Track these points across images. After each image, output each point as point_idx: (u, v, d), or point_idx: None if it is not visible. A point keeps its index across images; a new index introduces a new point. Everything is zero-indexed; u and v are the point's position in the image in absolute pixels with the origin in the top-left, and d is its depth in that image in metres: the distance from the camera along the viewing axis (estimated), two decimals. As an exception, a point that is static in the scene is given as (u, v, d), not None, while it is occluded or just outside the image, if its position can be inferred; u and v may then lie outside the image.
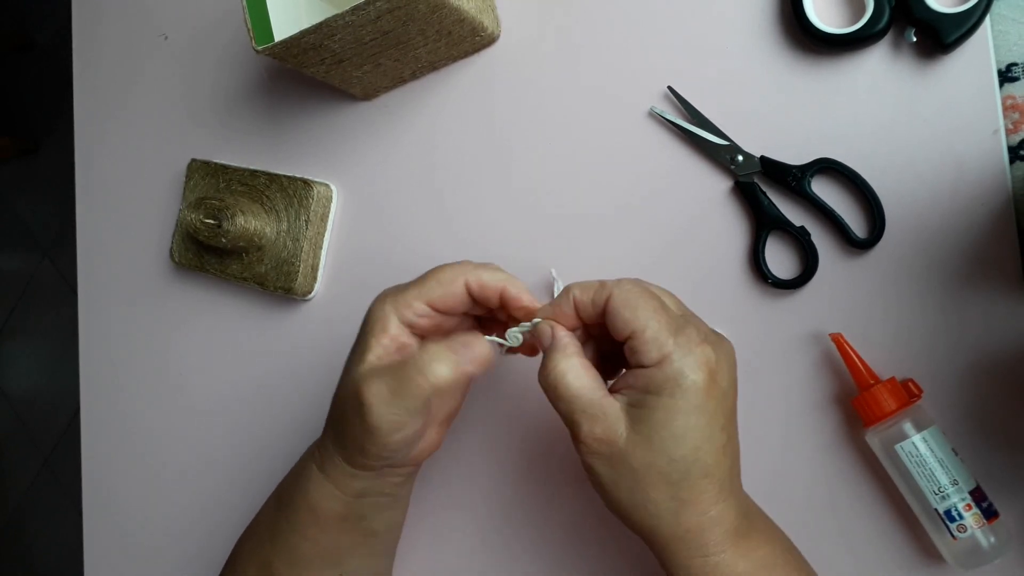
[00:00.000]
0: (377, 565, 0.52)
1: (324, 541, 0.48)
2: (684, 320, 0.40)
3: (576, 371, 0.40)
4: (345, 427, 0.43)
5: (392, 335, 0.43)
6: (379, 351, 0.43)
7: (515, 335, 0.44)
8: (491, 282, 0.43)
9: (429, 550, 0.60)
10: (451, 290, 0.43)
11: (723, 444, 0.39)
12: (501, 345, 0.44)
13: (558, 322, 0.42)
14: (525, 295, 0.43)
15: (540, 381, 0.41)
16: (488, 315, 0.46)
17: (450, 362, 0.40)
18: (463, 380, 0.41)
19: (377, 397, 0.40)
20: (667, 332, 0.39)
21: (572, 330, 0.43)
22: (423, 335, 0.44)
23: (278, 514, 0.49)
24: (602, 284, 0.41)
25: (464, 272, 0.43)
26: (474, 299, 0.44)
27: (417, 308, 0.43)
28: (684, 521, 0.39)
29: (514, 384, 0.58)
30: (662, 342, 0.38)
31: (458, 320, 0.46)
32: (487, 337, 0.43)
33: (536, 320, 0.43)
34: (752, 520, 0.41)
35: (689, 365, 0.38)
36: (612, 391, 0.40)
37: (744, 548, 0.40)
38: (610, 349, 0.44)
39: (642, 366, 0.39)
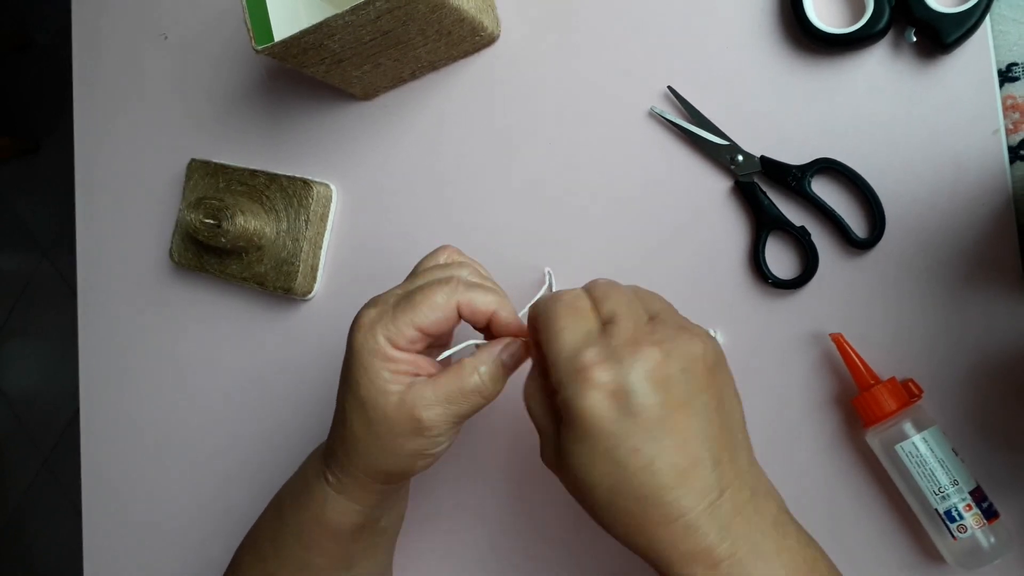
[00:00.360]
0: (384, 561, 0.53)
1: (338, 553, 0.48)
2: (607, 331, 0.36)
3: (537, 396, 0.39)
4: (391, 451, 0.43)
5: (398, 360, 0.42)
6: (400, 377, 0.42)
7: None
8: (482, 307, 0.42)
9: (436, 554, 0.60)
10: (444, 315, 0.42)
11: (643, 465, 0.34)
12: None
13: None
14: (515, 322, 0.43)
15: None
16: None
17: (503, 376, 0.42)
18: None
19: (438, 417, 0.41)
20: (562, 354, 0.36)
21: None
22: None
23: (283, 531, 0.49)
24: (539, 302, 0.40)
25: (455, 294, 0.42)
26: (463, 318, 0.43)
27: (409, 335, 0.41)
28: (637, 544, 0.36)
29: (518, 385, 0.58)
30: (556, 367, 0.36)
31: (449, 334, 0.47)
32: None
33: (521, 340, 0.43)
34: (749, 539, 0.36)
35: (574, 392, 0.35)
36: None
37: (726, 572, 0.35)
38: None
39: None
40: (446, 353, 0.44)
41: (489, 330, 0.44)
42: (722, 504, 0.35)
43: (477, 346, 0.44)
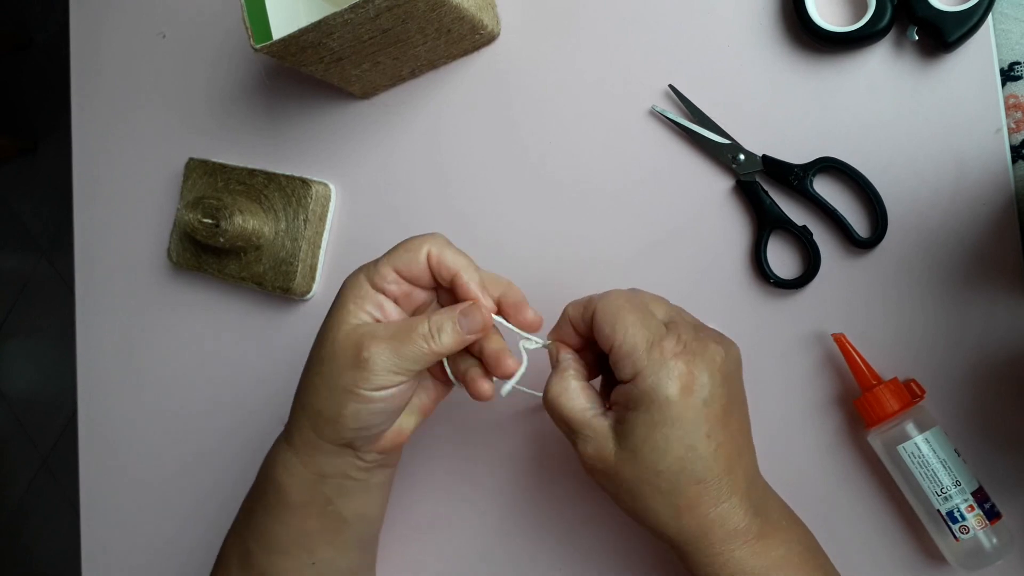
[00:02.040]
0: (350, 558, 0.51)
1: (293, 523, 0.48)
2: (667, 330, 0.41)
3: (570, 392, 0.42)
4: (327, 385, 0.43)
5: (369, 299, 0.44)
6: (361, 314, 0.44)
7: (523, 347, 0.45)
8: (449, 262, 0.44)
9: (430, 550, 0.60)
10: (415, 257, 0.44)
11: (712, 450, 0.39)
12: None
13: (564, 343, 0.44)
14: (473, 287, 0.44)
15: (543, 402, 0.43)
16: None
17: (454, 331, 0.42)
18: (460, 347, 0.43)
19: (379, 354, 0.42)
20: (642, 346, 0.40)
21: (577, 349, 0.44)
22: (396, 301, 0.45)
23: (253, 498, 0.50)
24: (590, 299, 0.43)
25: (429, 243, 0.44)
26: (432, 271, 0.45)
27: (384, 273, 0.44)
28: (686, 525, 0.40)
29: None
30: (635, 357, 0.39)
31: (429, 295, 0.47)
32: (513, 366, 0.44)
33: (547, 342, 0.45)
34: (769, 519, 0.41)
35: (662, 379, 0.39)
36: (609, 406, 0.42)
37: (759, 547, 0.40)
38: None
39: (622, 381, 0.40)
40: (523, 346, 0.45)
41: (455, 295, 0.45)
42: (754, 487, 0.41)
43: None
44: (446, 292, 0.46)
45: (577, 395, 0.42)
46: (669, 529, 0.40)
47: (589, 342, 0.44)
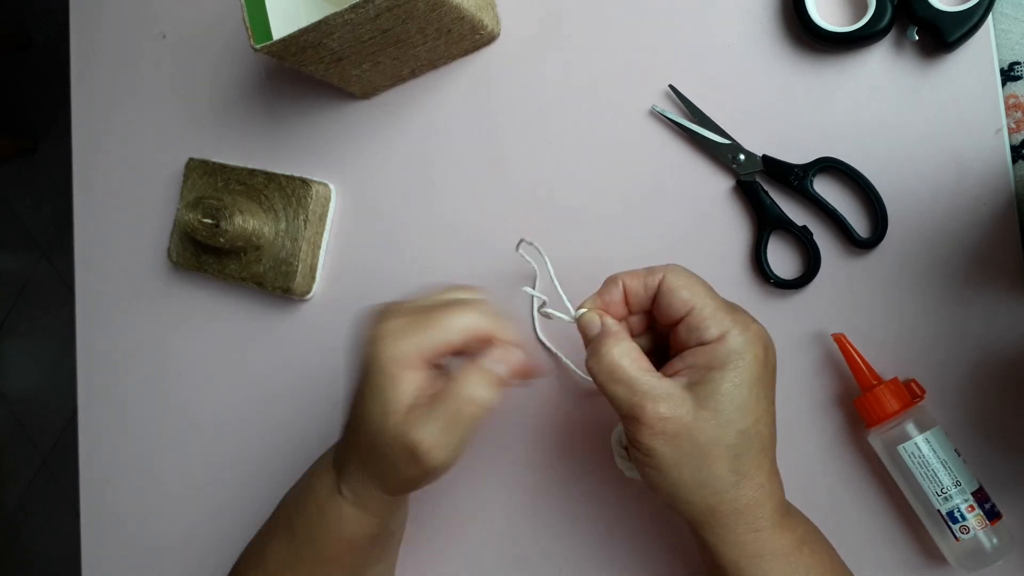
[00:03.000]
0: (391, 562, 0.53)
1: (352, 562, 0.48)
2: (731, 303, 0.42)
3: (632, 354, 0.41)
4: (392, 472, 0.43)
5: (419, 372, 0.42)
6: (413, 390, 0.41)
7: (562, 315, 0.44)
8: (503, 337, 0.43)
9: (432, 552, 0.60)
10: (470, 337, 0.42)
11: (772, 420, 0.41)
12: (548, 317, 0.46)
13: (607, 312, 0.43)
14: (508, 341, 0.43)
15: (591, 367, 0.41)
16: None
17: (494, 383, 0.41)
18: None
19: (433, 441, 0.40)
20: (724, 310, 0.41)
21: (619, 319, 0.43)
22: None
23: (298, 548, 0.48)
24: (651, 270, 0.42)
25: (485, 319, 0.42)
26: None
27: (438, 349, 0.41)
28: (743, 495, 0.40)
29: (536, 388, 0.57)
30: (721, 318, 0.40)
31: None
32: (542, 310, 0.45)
33: (582, 310, 0.44)
34: (783, 503, 0.42)
35: (749, 339, 0.40)
36: (666, 375, 0.41)
37: (787, 524, 0.41)
38: (650, 344, 0.45)
39: (703, 343, 0.40)
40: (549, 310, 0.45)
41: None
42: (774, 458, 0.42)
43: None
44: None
45: (639, 356, 0.41)
46: (724, 499, 0.39)
47: (633, 315, 0.44)
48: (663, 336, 0.44)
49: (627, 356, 0.40)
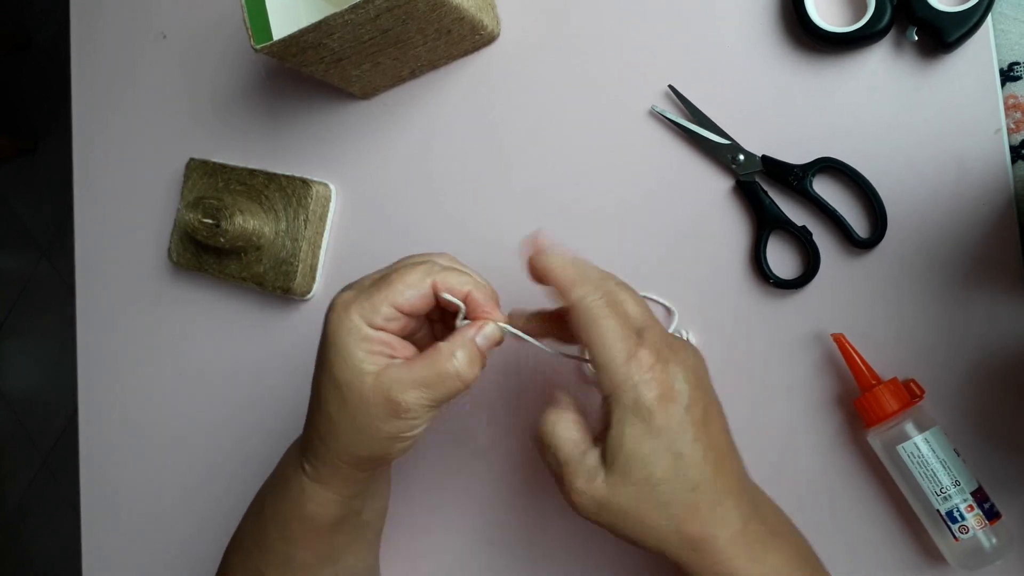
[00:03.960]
0: (369, 556, 0.53)
1: (321, 546, 0.48)
2: (639, 336, 0.40)
3: (565, 423, 0.41)
4: (366, 434, 0.42)
5: (374, 340, 0.42)
6: (374, 358, 0.42)
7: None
8: (457, 286, 0.42)
9: (420, 551, 0.60)
10: (419, 292, 0.42)
11: (700, 455, 0.39)
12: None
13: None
14: (491, 304, 0.43)
15: (534, 436, 0.43)
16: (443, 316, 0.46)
17: (479, 356, 0.42)
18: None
19: (416, 400, 0.41)
20: (619, 358, 0.39)
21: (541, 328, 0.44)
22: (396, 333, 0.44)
23: (265, 526, 0.49)
24: (568, 286, 0.41)
25: (431, 273, 0.42)
26: (438, 301, 0.43)
27: (385, 312, 0.41)
28: (688, 534, 0.39)
29: (523, 383, 0.57)
30: (612, 371, 0.39)
31: (421, 320, 0.46)
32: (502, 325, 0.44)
33: (551, 351, 0.44)
34: (766, 521, 0.41)
35: (641, 392, 0.38)
36: (595, 439, 0.41)
37: (757, 552, 0.40)
38: None
39: (602, 395, 0.40)
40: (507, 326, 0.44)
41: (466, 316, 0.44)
42: (745, 488, 0.41)
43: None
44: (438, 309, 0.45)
45: (571, 428, 0.41)
46: (672, 543, 0.39)
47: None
48: None
49: (560, 423, 0.41)
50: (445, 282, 0.42)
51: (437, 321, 0.47)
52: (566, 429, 0.41)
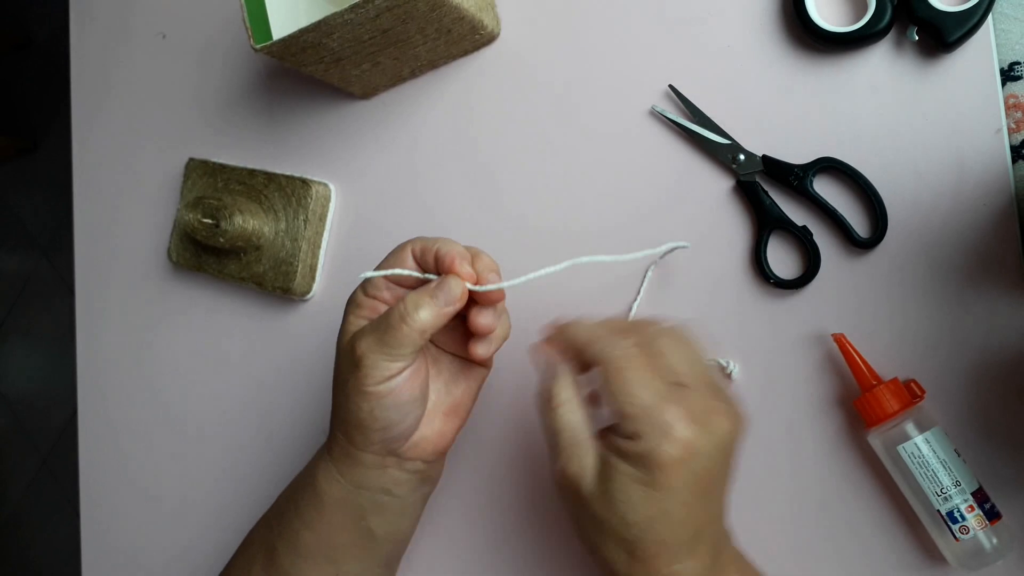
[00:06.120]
0: (375, 573, 0.51)
1: (323, 533, 0.48)
2: (678, 391, 0.39)
3: (573, 404, 0.41)
4: (343, 392, 0.45)
5: (365, 305, 0.46)
6: (359, 321, 0.45)
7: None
8: (429, 244, 0.45)
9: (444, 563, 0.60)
10: (401, 257, 0.45)
11: (683, 517, 0.38)
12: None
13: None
14: (451, 255, 0.44)
15: (538, 396, 0.42)
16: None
17: (428, 305, 0.43)
18: (443, 321, 0.43)
19: (368, 347, 0.42)
20: (645, 406, 0.38)
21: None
22: (389, 304, 0.46)
23: (287, 500, 0.51)
24: (593, 342, 0.41)
25: (411, 242, 0.46)
26: (420, 264, 0.46)
27: (376, 281, 0.46)
28: (639, 569, 0.38)
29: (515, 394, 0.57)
30: (636, 419, 0.38)
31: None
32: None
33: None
34: None
35: (662, 448, 0.37)
36: (599, 435, 0.41)
37: None
38: None
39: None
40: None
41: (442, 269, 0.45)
42: (717, 554, 0.40)
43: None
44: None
45: (577, 410, 0.41)
46: (617, 572, 0.39)
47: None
48: None
49: (568, 404, 0.41)
50: (422, 246, 0.45)
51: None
52: (573, 412, 0.41)
